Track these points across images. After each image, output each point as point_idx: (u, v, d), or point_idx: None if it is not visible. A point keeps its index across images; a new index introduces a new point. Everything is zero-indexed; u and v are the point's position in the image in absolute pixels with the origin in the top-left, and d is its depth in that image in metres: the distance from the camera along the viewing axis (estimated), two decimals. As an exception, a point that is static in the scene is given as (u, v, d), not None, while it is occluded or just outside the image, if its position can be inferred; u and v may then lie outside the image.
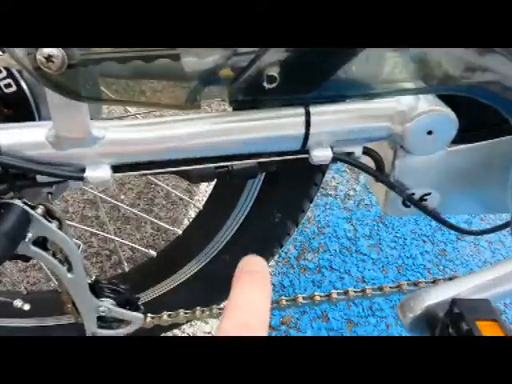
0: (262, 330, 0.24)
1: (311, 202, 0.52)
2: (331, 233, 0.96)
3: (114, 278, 0.66)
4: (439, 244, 0.97)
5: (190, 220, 0.99)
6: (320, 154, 0.40)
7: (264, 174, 0.52)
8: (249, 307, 0.25)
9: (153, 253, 0.62)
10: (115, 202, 0.64)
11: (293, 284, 0.85)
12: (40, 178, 0.37)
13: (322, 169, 0.49)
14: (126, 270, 0.63)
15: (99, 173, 0.36)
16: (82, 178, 0.36)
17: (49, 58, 0.28)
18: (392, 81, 0.40)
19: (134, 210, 0.67)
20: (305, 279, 0.87)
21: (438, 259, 0.94)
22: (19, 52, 0.31)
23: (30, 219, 0.43)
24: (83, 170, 0.37)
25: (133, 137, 0.37)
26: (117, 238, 0.61)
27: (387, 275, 0.89)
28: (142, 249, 0.61)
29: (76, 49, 0.30)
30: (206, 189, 1.05)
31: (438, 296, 0.43)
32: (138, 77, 0.34)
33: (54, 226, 0.45)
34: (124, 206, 0.65)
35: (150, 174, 0.41)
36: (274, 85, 0.32)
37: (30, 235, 0.44)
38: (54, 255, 0.47)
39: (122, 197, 1.02)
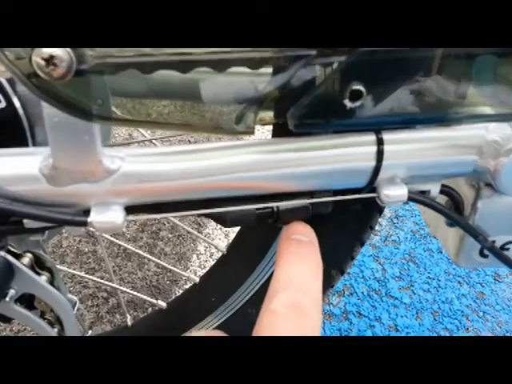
0: (316, 313, 0.22)
1: (362, 247, 0.42)
2: (357, 273, 0.86)
3: (114, 333, 0.55)
4: (476, 286, 0.87)
5: (199, 256, 0.89)
6: (393, 194, 0.31)
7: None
8: (300, 285, 0.22)
9: (162, 304, 0.52)
10: (115, 240, 0.55)
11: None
12: (28, 223, 0.28)
13: (380, 209, 0.40)
14: (129, 323, 0.53)
15: (108, 216, 0.27)
16: (84, 223, 0.27)
17: (50, 61, 0.19)
18: (476, 103, 0.31)
19: (136, 249, 0.57)
20: (330, 327, 0.76)
21: (476, 304, 0.84)
22: (9, 54, 0.22)
23: (14, 272, 0.33)
24: (87, 212, 0.27)
25: (157, 169, 0.28)
26: (120, 287, 0.51)
27: (422, 323, 0.79)
28: (151, 300, 0.51)
29: (88, 49, 0.21)
30: (213, 229, 0.95)
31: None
32: (158, 92, 0.25)
33: (43, 279, 0.36)
34: (123, 243, 0.55)
35: (175, 217, 0.31)
36: (358, 103, 0.23)
37: (12, 292, 0.34)
38: (42, 315, 0.37)
39: (124, 229, 0.92)
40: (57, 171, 0.25)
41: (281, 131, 0.30)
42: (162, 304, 0.52)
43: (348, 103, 0.23)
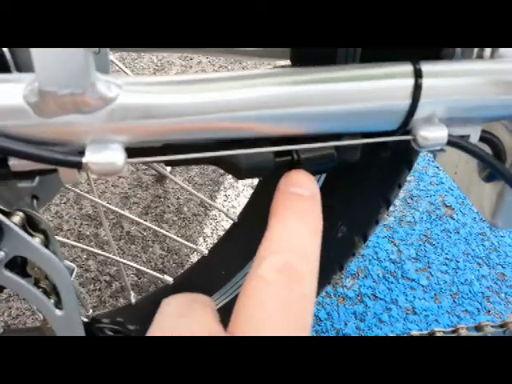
0: (311, 279, 0.19)
1: (388, 209, 0.38)
2: (371, 255, 0.82)
3: (117, 312, 0.52)
4: (496, 267, 0.83)
5: (206, 239, 0.85)
6: (432, 135, 0.27)
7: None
8: (294, 247, 0.20)
9: (168, 279, 0.48)
10: (120, 211, 0.51)
11: (331, 317, 0.71)
12: (14, 164, 0.24)
13: (410, 162, 0.36)
14: (133, 300, 0.49)
15: (107, 156, 0.23)
16: (79, 164, 0.23)
17: None
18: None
19: (142, 221, 0.53)
20: (344, 311, 0.73)
21: (497, 285, 0.80)
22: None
23: (3, 231, 0.30)
24: (81, 153, 0.23)
25: (161, 102, 0.24)
26: (123, 260, 0.48)
27: (441, 305, 0.75)
28: (157, 274, 0.47)
29: None
30: (223, 203, 0.92)
31: None
32: None
33: (36, 241, 0.32)
34: (132, 216, 0.51)
35: (182, 164, 0.28)
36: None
37: (1, 254, 0.30)
38: (36, 283, 0.34)
39: (127, 212, 0.89)
40: (43, 97, 0.22)
41: (300, 58, 0.26)
42: (169, 279, 0.48)
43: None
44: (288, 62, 0.34)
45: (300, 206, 0.22)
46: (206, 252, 0.47)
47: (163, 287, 0.50)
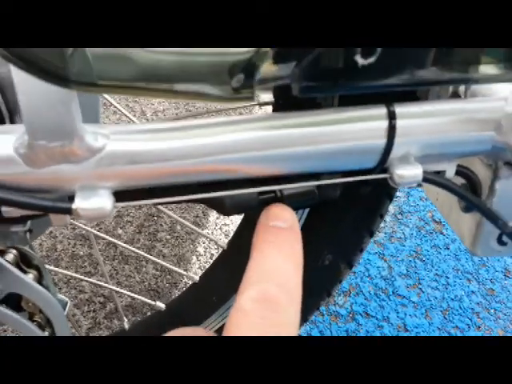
0: (290, 304, 0.20)
1: (371, 237, 0.40)
2: (363, 271, 0.83)
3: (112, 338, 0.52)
4: (485, 282, 0.85)
5: (199, 257, 0.86)
6: (407, 174, 0.29)
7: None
8: (274, 278, 0.20)
9: (161, 305, 0.49)
10: (111, 239, 0.52)
11: (324, 335, 0.72)
12: (6, 211, 0.25)
13: (390, 194, 0.37)
14: (126, 326, 0.50)
15: (95, 202, 0.24)
16: (69, 211, 0.24)
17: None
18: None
19: (133, 248, 0.54)
20: (337, 329, 0.73)
21: (486, 301, 0.81)
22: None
23: (-4, 269, 0.31)
24: (71, 198, 0.25)
25: (146, 148, 0.25)
26: (116, 288, 0.48)
27: (432, 322, 0.76)
28: (148, 301, 0.48)
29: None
30: (216, 220, 0.92)
31: None
32: (148, 76, 0.23)
33: (30, 278, 0.33)
34: (121, 243, 0.52)
35: (168, 204, 0.29)
36: (371, 59, 0.20)
37: (-5, 292, 0.31)
38: (30, 318, 0.35)
39: (120, 231, 0.89)
40: (33, 150, 0.23)
41: (282, 107, 0.27)
42: (161, 305, 0.49)
43: (360, 60, 0.20)
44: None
45: (279, 239, 0.23)
46: (197, 278, 0.48)
47: (156, 312, 0.50)
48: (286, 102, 0.27)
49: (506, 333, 0.77)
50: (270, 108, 0.36)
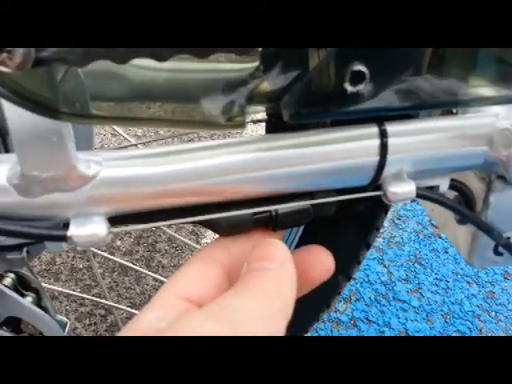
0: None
1: (368, 250, 0.40)
2: (362, 277, 0.83)
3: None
4: (485, 285, 0.85)
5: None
6: (400, 191, 0.29)
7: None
8: (236, 323, 0.18)
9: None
10: (109, 256, 0.52)
11: (324, 342, 0.72)
12: (2, 240, 0.25)
13: (386, 208, 0.37)
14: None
15: (90, 229, 0.24)
16: (64, 238, 0.24)
17: (3, 49, 0.17)
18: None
19: (130, 264, 0.54)
20: (339, 335, 0.73)
21: (487, 303, 0.81)
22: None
23: (-6, 294, 0.31)
24: (66, 226, 0.25)
25: (138, 173, 0.25)
26: (115, 305, 0.48)
27: (433, 326, 0.76)
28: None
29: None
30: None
31: None
32: (141, 94, 0.23)
33: (28, 301, 0.33)
34: (119, 259, 0.52)
35: (164, 226, 0.29)
36: (360, 86, 0.21)
37: (-7, 317, 0.31)
38: (28, 340, 0.35)
39: (118, 243, 0.89)
40: (26, 180, 0.23)
41: (274, 128, 0.28)
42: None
43: (349, 87, 0.20)
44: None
45: (263, 283, 0.21)
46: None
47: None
48: (279, 120, 0.27)
49: (508, 335, 0.77)
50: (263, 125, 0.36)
